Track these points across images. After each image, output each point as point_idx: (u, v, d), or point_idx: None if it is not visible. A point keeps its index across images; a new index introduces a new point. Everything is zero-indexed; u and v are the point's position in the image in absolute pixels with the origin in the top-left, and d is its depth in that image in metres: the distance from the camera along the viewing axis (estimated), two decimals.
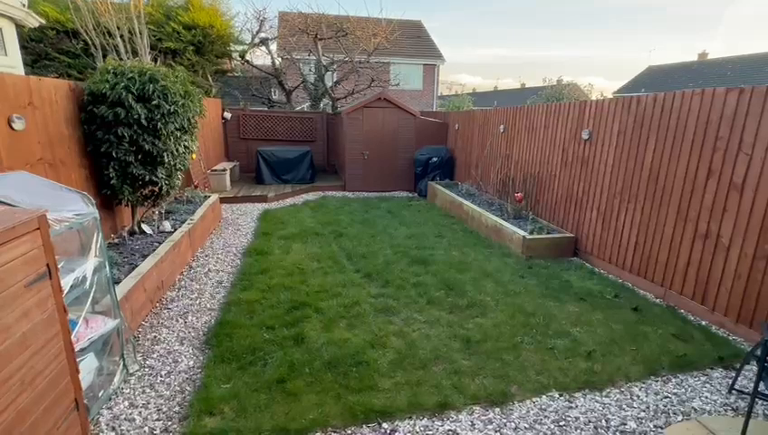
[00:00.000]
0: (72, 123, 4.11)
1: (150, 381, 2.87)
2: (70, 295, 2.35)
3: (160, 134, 4.38)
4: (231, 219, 7.20)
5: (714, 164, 3.81)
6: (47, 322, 1.94)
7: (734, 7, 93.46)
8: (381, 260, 5.20)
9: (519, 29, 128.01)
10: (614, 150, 4.95)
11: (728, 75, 23.68)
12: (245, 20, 29.15)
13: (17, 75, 3.73)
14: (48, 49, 9.56)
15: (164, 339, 3.40)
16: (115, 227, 4.87)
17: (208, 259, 5.22)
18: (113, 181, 4.33)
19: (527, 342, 3.43)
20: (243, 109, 11.85)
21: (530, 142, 6.70)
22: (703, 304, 3.92)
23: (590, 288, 4.51)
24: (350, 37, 14.07)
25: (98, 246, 2.67)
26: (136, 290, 3.49)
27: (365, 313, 3.86)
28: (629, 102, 4.74)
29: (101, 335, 2.63)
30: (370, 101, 9.74)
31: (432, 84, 23.56)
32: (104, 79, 4.14)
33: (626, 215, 4.81)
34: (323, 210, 7.89)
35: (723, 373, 3.08)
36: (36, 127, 3.59)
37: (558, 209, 6.03)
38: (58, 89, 3.93)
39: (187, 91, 4.74)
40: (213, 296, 4.19)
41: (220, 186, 8.93)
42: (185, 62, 10.64)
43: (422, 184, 9.59)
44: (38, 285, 1.88)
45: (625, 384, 2.95)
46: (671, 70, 28.59)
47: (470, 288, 4.42)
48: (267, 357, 3.12)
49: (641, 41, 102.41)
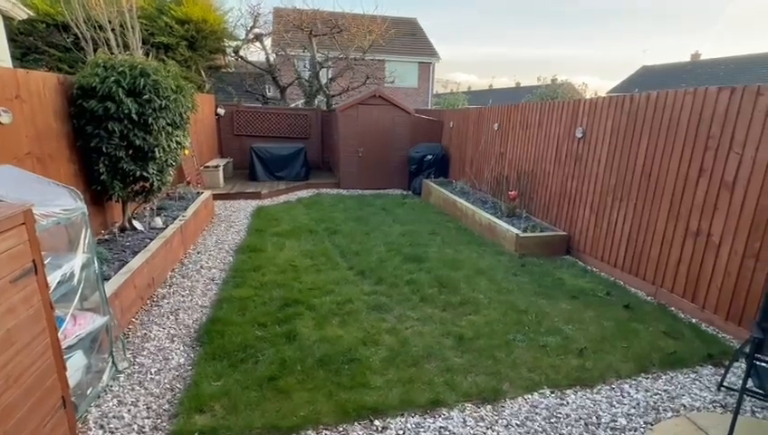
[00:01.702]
0: (60, 117, 4.05)
1: (140, 378, 2.84)
2: (57, 292, 2.32)
3: (151, 129, 4.33)
4: (224, 216, 7.15)
5: (705, 162, 3.83)
6: (33, 318, 1.91)
7: (727, 8, 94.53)
8: (375, 257, 5.19)
9: (514, 28, 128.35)
10: (607, 148, 4.97)
11: (721, 75, 23.87)
12: (239, 15, 28.23)
13: (4, 68, 3.67)
14: (38, 42, 9.40)
15: (154, 336, 3.36)
16: (105, 223, 4.82)
17: (200, 256, 5.18)
18: (103, 177, 4.28)
19: (519, 339, 3.44)
20: (236, 105, 11.76)
21: (524, 140, 6.71)
22: (693, 301, 3.95)
23: (582, 286, 4.53)
24: (345, 34, 14.01)
25: (86, 241, 2.63)
26: (126, 287, 3.45)
27: (358, 310, 3.84)
28: (623, 101, 4.76)
29: (90, 332, 2.59)
30: (365, 98, 9.71)
31: (427, 82, 23.57)
32: (94, 72, 4.07)
33: (618, 212, 4.83)
34: (317, 207, 7.86)
35: (712, 371, 3.11)
36: (24, 120, 3.53)
37: (551, 207, 6.05)
38: (46, 82, 3.86)
39: (178, 86, 4.69)
40: (204, 293, 4.16)
41: (213, 182, 8.87)
42: (178, 58, 10.51)
43: (416, 182, 9.57)
44: (24, 280, 1.85)
45: (616, 381, 2.97)
46: (665, 70, 28.73)
47: (463, 286, 4.43)
48: (259, 354, 3.10)
49: (635, 41, 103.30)
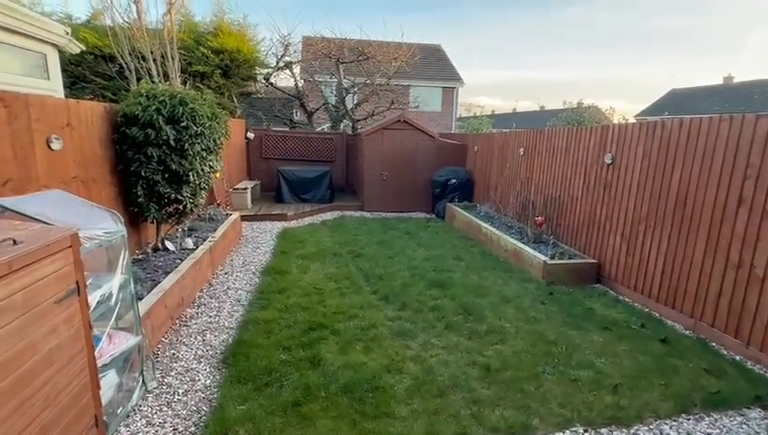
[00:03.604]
0: (105, 143, 4.30)
1: (168, 399, 2.88)
2: (96, 311, 2.41)
3: (187, 154, 4.53)
4: (251, 237, 7.30)
5: (745, 192, 3.68)
6: (73, 338, 1.98)
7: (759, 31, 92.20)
8: (399, 282, 5.16)
9: (537, 51, 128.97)
10: (638, 175, 4.85)
11: (755, 99, 23.12)
12: (271, 44, 29.84)
13: (58, 98, 3.94)
14: (86, 72, 10.10)
15: (182, 356, 3.42)
16: (140, 243, 5.00)
17: (228, 277, 5.28)
18: (140, 199, 4.48)
19: (549, 372, 3.32)
20: (265, 129, 12.16)
21: (550, 166, 6.64)
22: (737, 337, 3.73)
23: (614, 317, 4.36)
24: (372, 61, 14.40)
25: (124, 262, 2.74)
26: (157, 306, 3.55)
27: (382, 336, 3.81)
28: (654, 127, 4.67)
29: (123, 352, 2.67)
30: (390, 123, 9.87)
31: (451, 106, 23.79)
32: (137, 102, 4.33)
33: (651, 241, 4.67)
34: (341, 230, 7.94)
35: (761, 414, 2.90)
36: (73, 146, 3.76)
37: (580, 234, 5.90)
38: (94, 111, 4.12)
39: (214, 114, 4.91)
40: (231, 315, 4.22)
41: (241, 204, 9.11)
42: (212, 85, 11.05)
43: (440, 205, 9.56)
44: (67, 301, 1.93)
45: (654, 422, 2.80)
46: (695, 93, 28.08)
47: (489, 313, 4.33)
48: (283, 379, 3.10)
49: (663, 64, 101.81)
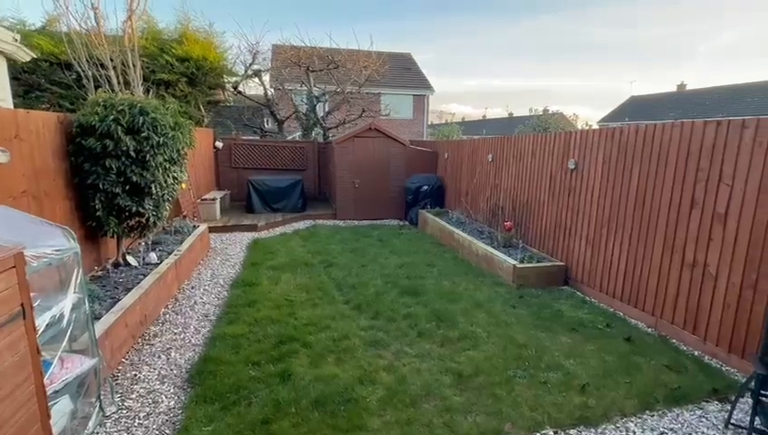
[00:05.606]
0: (59, 155, 4.09)
1: (127, 424, 2.74)
2: (45, 335, 2.26)
3: (149, 166, 4.37)
4: (220, 249, 7.11)
5: (696, 194, 3.88)
6: (18, 365, 1.85)
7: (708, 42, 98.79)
8: (372, 291, 5.13)
9: (507, 60, 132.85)
10: (600, 180, 5.03)
11: (707, 105, 24.61)
12: (239, 52, 29.37)
13: (4, 109, 3.73)
14: (41, 80, 9.63)
15: (144, 377, 3.26)
16: (99, 259, 4.77)
17: (195, 291, 5.10)
18: (99, 213, 4.28)
19: (520, 375, 3.36)
20: (234, 138, 11.93)
21: (518, 171, 6.80)
22: (694, 333, 3.90)
23: (581, 318, 4.48)
24: (342, 69, 14.42)
25: (77, 281, 2.59)
26: (117, 326, 3.38)
27: (354, 347, 3.76)
28: (612, 133, 4.86)
29: (77, 376, 2.52)
30: (361, 130, 9.88)
31: (422, 113, 24.07)
32: (94, 111, 4.15)
33: (614, 243, 4.84)
34: (314, 239, 7.84)
35: (718, 406, 3.03)
36: (22, 159, 3.55)
37: (547, 238, 6.06)
38: (46, 121, 3.92)
39: (177, 123, 4.77)
40: (198, 331, 4.07)
41: (210, 215, 8.86)
42: (177, 93, 10.76)
43: (413, 212, 9.62)
44: (10, 326, 1.81)
45: (620, 420, 2.88)
46: (653, 99, 29.67)
47: (461, 319, 4.36)
48: (252, 396, 3.01)
49: (623, 72, 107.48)
